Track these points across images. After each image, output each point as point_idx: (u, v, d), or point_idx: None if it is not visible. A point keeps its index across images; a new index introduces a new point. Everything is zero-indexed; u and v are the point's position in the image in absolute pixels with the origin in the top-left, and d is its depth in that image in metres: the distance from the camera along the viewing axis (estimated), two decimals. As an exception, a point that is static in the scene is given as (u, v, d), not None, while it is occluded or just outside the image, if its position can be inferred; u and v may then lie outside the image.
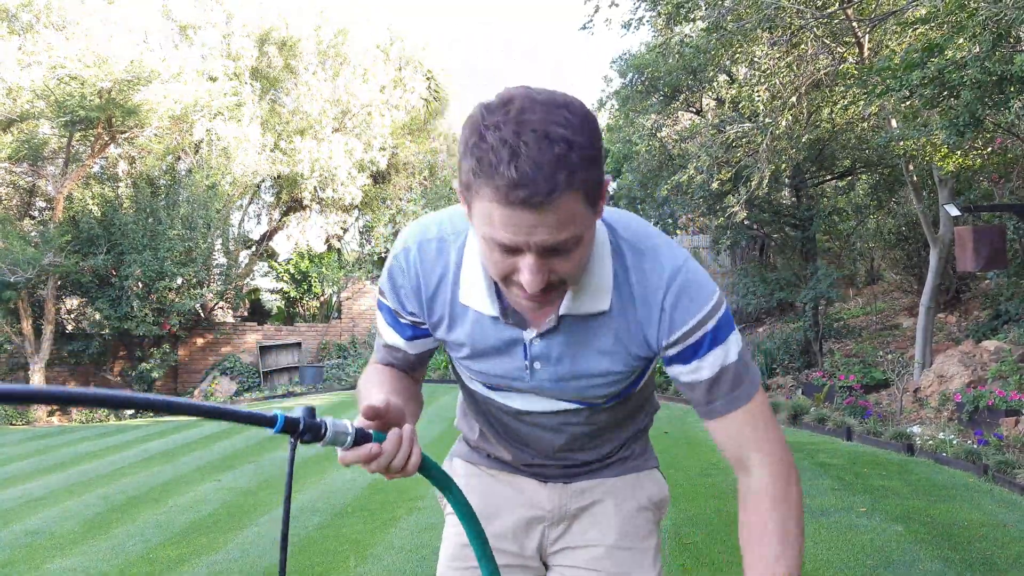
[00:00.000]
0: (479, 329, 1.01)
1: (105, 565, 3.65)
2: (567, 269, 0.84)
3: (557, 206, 0.76)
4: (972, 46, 4.52)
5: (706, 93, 9.82)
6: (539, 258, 0.81)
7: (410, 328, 1.08)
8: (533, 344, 0.99)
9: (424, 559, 3.47)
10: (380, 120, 15.47)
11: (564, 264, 0.84)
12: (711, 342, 0.95)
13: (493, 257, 0.84)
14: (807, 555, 3.28)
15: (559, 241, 0.80)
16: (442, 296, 1.02)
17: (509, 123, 0.75)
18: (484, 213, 0.79)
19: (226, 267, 13.75)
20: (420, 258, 1.02)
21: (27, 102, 11.07)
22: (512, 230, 0.78)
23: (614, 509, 1.20)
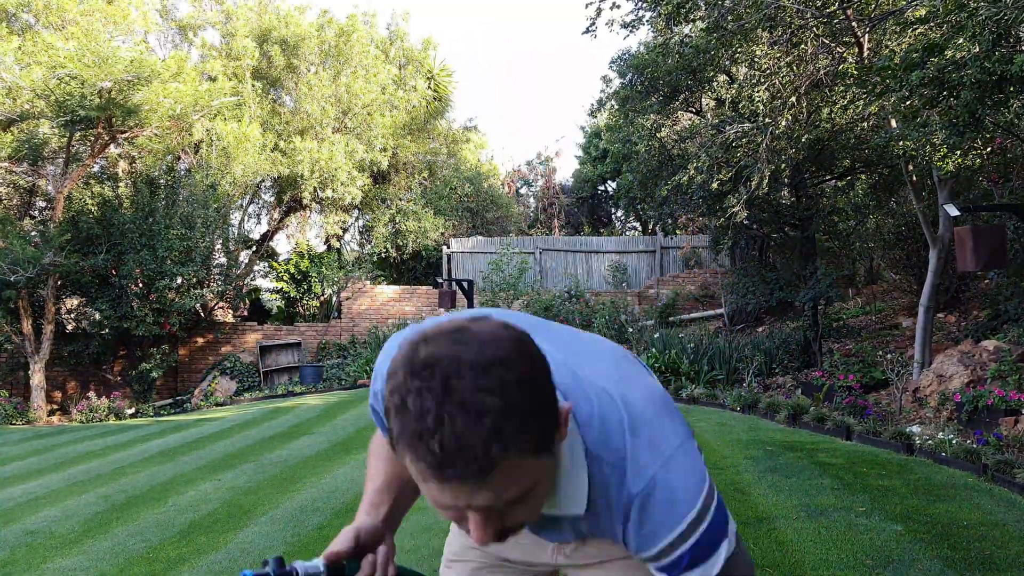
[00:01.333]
0: None
1: (105, 564, 3.66)
2: (520, 518, 0.77)
3: (496, 475, 0.69)
4: (972, 46, 4.53)
5: (706, 93, 9.82)
6: (485, 515, 0.74)
7: None
8: None
9: (424, 559, 3.47)
10: (381, 120, 15.47)
11: (516, 513, 0.76)
12: (691, 560, 0.83)
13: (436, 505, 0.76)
14: (807, 554, 3.29)
15: (507, 499, 0.72)
16: None
17: (433, 390, 0.67)
18: (418, 476, 0.72)
19: (226, 267, 13.76)
20: None
21: (27, 102, 11.07)
22: (449, 498, 0.71)
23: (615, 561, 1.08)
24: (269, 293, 17.28)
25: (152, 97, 11.51)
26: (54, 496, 5.28)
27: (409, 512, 4.35)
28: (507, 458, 0.68)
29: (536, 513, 0.78)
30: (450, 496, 0.71)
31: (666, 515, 0.82)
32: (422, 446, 0.67)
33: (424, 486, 0.72)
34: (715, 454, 5.28)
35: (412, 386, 0.68)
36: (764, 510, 3.94)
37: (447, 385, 0.67)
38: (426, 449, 0.67)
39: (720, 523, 0.84)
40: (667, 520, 0.82)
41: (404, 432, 0.69)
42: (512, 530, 0.78)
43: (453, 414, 0.66)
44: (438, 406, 0.66)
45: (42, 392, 11.73)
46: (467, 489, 0.69)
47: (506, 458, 0.68)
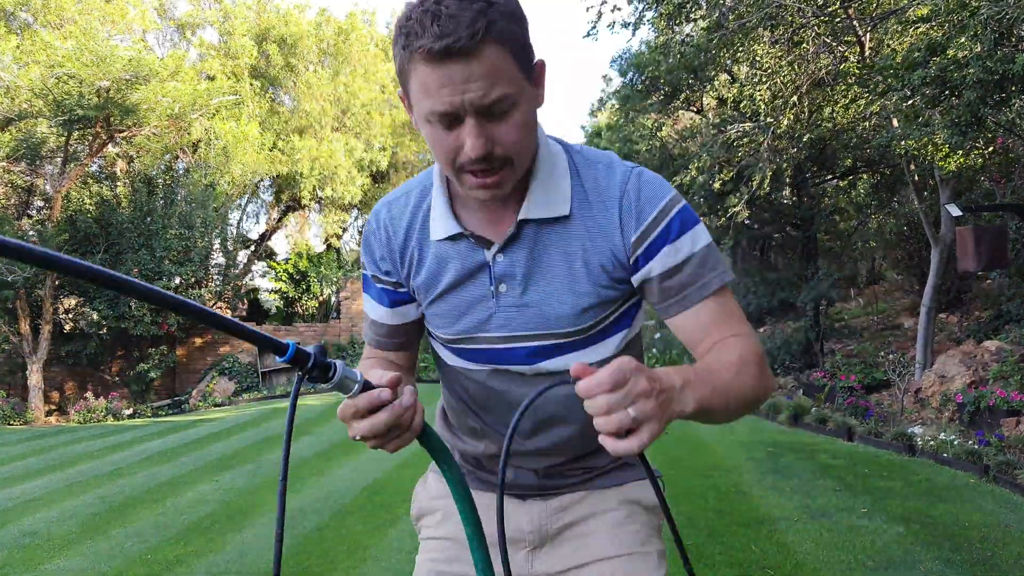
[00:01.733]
0: (446, 259, 1.02)
1: (103, 566, 3.63)
2: (509, 139, 0.86)
3: (483, 55, 0.80)
4: (973, 45, 4.51)
5: (707, 92, 9.81)
6: (478, 121, 0.83)
7: (388, 293, 1.08)
8: (496, 261, 0.99)
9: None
10: (380, 119, 15.45)
11: (506, 133, 0.85)
12: (679, 228, 0.95)
13: (437, 137, 0.86)
14: (808, 556, 3.27)
15: (493, 100, 0.82)
16: (412, 242, 1.04)
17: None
18: (420, 86, 0.83)
19: (224, 266, 13.73)
20: (389, 215, 1.05)
21: (25, 101, 11.05)
22: (447, 91, 0.81)
23: (600, 522, 1.12)
24: (268, 293, 17.25)
25: (150, 96, 11.49)
26: (52, 497, 5.25)
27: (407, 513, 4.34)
28: (491, 39, 0.80)
29: (522, 145, 0.88)
30: (447, 90, 0.81)
31: (655, 186, 0.97)
32: (423, 34, 0.79)
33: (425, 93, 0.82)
34: (716, 455, 5.26)
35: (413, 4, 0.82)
36: (765, 511, 3.92)
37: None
38: (425, 34, 0.79)
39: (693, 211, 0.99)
40: (657, 189, 0.97)
41: (408, 36, 0.81)
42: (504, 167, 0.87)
43: (449, 5, 0.79)
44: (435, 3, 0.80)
45: (40, 392, 11.70)
46: (459, 71, 0.80)
47: (490, 38, 0.80)
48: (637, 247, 0.96)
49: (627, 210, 0.96)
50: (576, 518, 1.13)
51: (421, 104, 0.84)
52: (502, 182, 0.89)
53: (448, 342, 1.07)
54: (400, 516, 4.18)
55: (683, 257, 0.95)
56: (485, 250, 0.99)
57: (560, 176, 0.97)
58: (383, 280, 1.07)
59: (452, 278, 1.02)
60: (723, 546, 3.39)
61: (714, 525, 3.70)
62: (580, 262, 0.97)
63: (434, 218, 1.01)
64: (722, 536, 3.51)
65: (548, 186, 0.97)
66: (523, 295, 0.99)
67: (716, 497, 4.22)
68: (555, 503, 1.13)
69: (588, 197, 0.98)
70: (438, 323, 1.06)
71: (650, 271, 0.97)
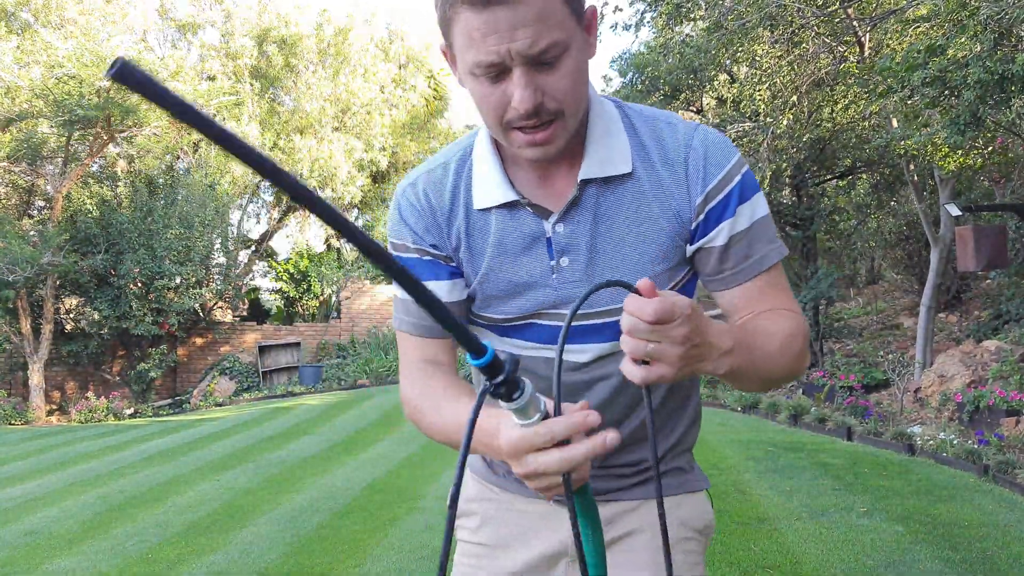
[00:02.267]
0: (496, 233, 0.92)
1: (104, 565, 3.64)
2: (560, 89, 0.79)
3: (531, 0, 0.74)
4: (973, 45, 4.52)
5: (707, 92, 9.81)
6: (526, 71, 0.77)
7: (442, 267, 0.95)
8: (557, 233, 0.90)
9: (424, 559, 3.46)
10: (380, 119, 15.46)
11: (556, 82, 0.79)
12: (740, 196, 0.89)
13: (483, 92, 0.80)
14: (808, 555, 3.28)
15: (543, 47, 0.76)
16: (457, 212, 0.94)
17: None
18: (464, 36, 0.77)
19: (225, 266, 13.74)
20: (429, 183, 0.96)
21: (25, 101, 11.06)
22: (494, 39, 0.75)
23: (648, 542, 1.02)
24: (268, 293, 17.26)
25: (151, 96, 11.47)
26: (53, 496, 5.26)
27: (409, 512, 4.32)
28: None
29: (573, 95, 0.81)
30: (493, 38, 0.75)
31: (721, 145, 0.90)
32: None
33: (470, 44, 0.77)
34: (716, 454, 5.26)
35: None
36: (765, 511, 3.93)
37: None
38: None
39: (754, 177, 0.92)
40: (724, 149, 0.90)
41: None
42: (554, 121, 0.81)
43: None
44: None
45: (41, 392, 11.71)
46: (506, 17, 0.74)
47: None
48: (700, 212, 0.89)
49: (694, 169, 0.89)
50: (624, 532, 1.03)
51: (465, 56, 0.78)
52: (554, 137, 0.82)
53: (497, 322, 0.97)
54: (400, 516, 4.18)
55: (743, 227, 0.89)
56: (544, 220, 0.90)
57: (616, 132, 0.90)
58: (432, 253, 0.95)
59: (504, 252, 0.92)
60: (723, 545, 3.39)
61: (715, 525, 3.70)
62: (648, 224, 0.89)
63: (480, 184, 0.92)
64: (722, 535, 3.52)
65: (606, 143, 0.89)
66: (588, 268, 0.90)
67: (716, 496, 4.21)
68: (601, 513, 1.02)
69: (650, 155, 0.90)
70: (488, 304, 0.96)
71: (710, 240, 0.90)
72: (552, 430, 0.64)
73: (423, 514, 4.17)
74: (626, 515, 1.03)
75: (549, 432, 0.64)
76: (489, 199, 0.91)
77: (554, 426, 0.65)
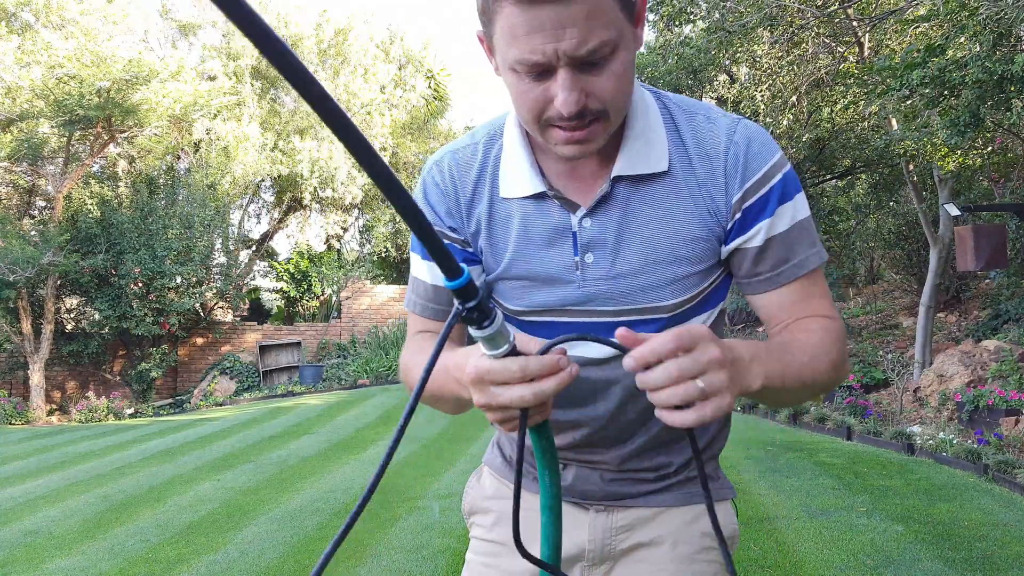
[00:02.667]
0: (521, 222, 0.89)
1: (105, 565, 3.65)
2: (606, 90, 0.74)
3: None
4: (973, 45, 4.52)
5: (707, 93, 9.82)
6: (571, 72, 0.72)
7: (458, 252, 0.92)
8: (583, 227, 0.86)
9: (425, 559, 3.46)
10: (380, 120, 15.46)
11: (602, 83, 0.74)
12: (781, 196, 0.84)
13: (523, 89, 0.75)
14: (808, 554, 3.28)
15: (591, 48, 0.71)
16: (481, 197, 0.91)
17: None
18: (506, 32, 0.72)
19: (226, 266, 13.75)
20: (455, 164, 0.92)
21: (26, 101, 11.06)
22: (539, 37, 0.70)
23: (670, 553, 0.98)
24: (269, 293, 17.27)
25: (151, 97, 11.51)
26: (53, 496, 5.27)
27: (409, 512, 4.32)
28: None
29: (619, 95, 0.77)
30: (539, 37, 0.70)
31: (763, 141, 0.86)
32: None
33: (513, 40, 0.72)
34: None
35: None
36: (765, 510, 3.94)
37: None
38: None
39: (796, 175, 0.88)
40: (765, 145, 0.85)
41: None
42: (596, 121, 0.77)
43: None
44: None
45: (41, 392, 11.72)
46: (555, 15, 0.69)
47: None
48: (736, 210, 0.85)
49: (732, 165, 0.84)
50: (644, 540, 0.99)
51: (507, 52, 0.73)
52: (594, 136, 0.78)
53: (516, 314, 0.93)
54: (400, 515, 4.19)
55: (783, 228, 0.85)
56: (571, 213, 0.87)
57: (656, 127, 0.86)
58: (450, 236, 0.93)
59: (528, 244, 0.89)
60: (722, 545, 3.40)
61: (713, 524, 3.71)
62: (680, 224, 0.85)
63: (508, 172, 0.89)
64: (721, 535, 3.53)
65: (645, 139, 0.85)
66: (613, 265, 0.86)
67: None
68: (621, 519, 1.00)
69: (688, 151, 0.86)
70: (506, 294, 0.93)
71: (747, 240, 0.86)
72: (525, 366, 0.63)
73: (423, 514, 4.18)
74: (647, 523, 1.00)
75: (521, 368, 0.63)
76: (517, 189, 0.88)
77: (529, 363, 0.63)
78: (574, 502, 1.01)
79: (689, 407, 0.63)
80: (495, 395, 0.65)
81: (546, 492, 0.72)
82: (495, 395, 0.65)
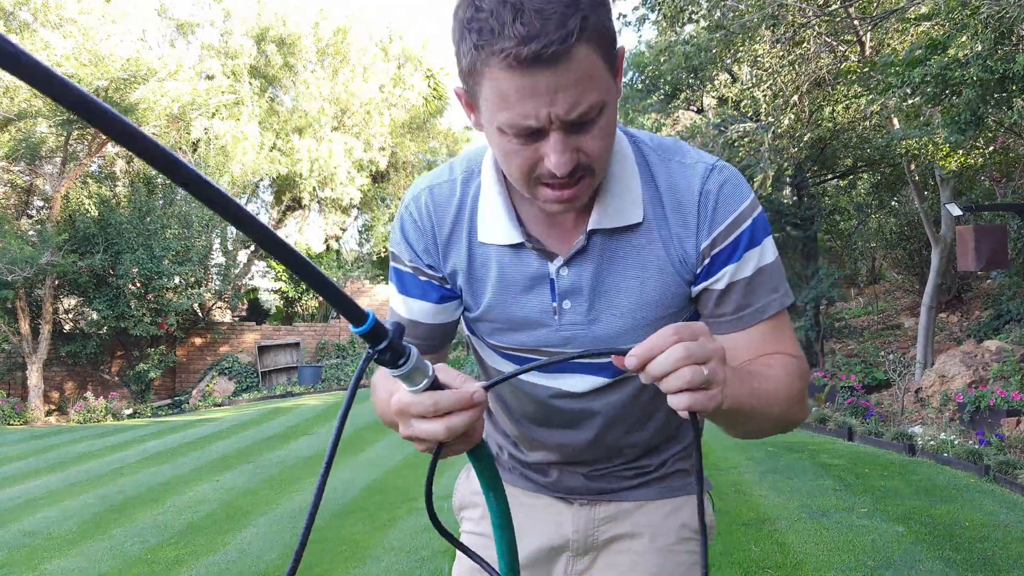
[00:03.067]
0: (499, 268, 0.91)
1: (103, 565, 3.63)
2: (595, 148, 0.76)
3: (575, 60, 0.68)
4: (974, 44, 4.51)
5: (707, 92, 9.81)
6: (564, 134, 0.73)
7: (436, 288, 0.95)
8: (561, 276, 0.88)
9: (423, 560, 3.45)
10: (379, 119, 15.45)
11: (591, 142, 0.75)
12: (750, 240, 0.86)
13: (512, 149, 0.75)
14: (808, 555, 3.26)
15: (583, 109, 0.71)
16: (459, 239, 0.92)
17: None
18: (495, 94, 0.71)
19: (224, 266, 13.74)
20: (434, 202, 0.93)
21: (24, 100, 11.04)
22: (532, 103, 0.70)
23: (649, 544, 1.04)
24: (267, 293, 17.25)
25: (149, 96, 11.49)
26: (52, 497, 5.25)
27: (408, 513, 4.30)
28: (584, 38, 0.68)
29: (606, 152, 0.78)
30: (531, 102, 0.70)
31: (734, 186, 0.87)
32: (503, 33, 0.68)
33: (503, 104, 0.72)
34: (716, 455, 5.26)
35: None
36: (765, 511, 3.92)
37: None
38: (507, 34, 0.67)
39: (767, 219, 0.90)
40: (736, 190, 0.87)
41: (482, 32, 0.69)
42: (584, 178, 0.78)
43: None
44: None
45: (40, 392, 11.69)
46: (547, 81, 0.69)
47: (584, 38, 0.68)
48: (705, 256, 0.87)
49: (703, 213, 0.87)
50: (625, 532, 1.06)
51: (495, 114, 0.73)
52: (581, 193, 0.79)
53: (496, 348, 0.98)
54: (399, 517, 4.17)
55: (747, 274, 0.87)
56: (548, 262, 0.89)
57: (631, 176, 0.87)
58: (428, 274, 0.94)
59: (506, 290, 0.91)
60: (723, 546, 3.38)
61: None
62: (653, 272, 0.88)
63: (486, 216, 0.90)
64: (722, 536, 3.51)
65: (620, 190, 0.86)
66: (589, 312, 0.90)
67: (716, 497, 4.22)
68: (603, 512, 1.07)
69: (663, 199, 0.88)
70: (487, 332, 0.97)
71: (712, 284, 0.88)
72: (437, 402, 0.64)
73: (422, 515, 4.16)
74: (628, 515, 1.06)
75: (433, 404, 0.64)
76: (495, 236, 0.89)
77: (440, 398, 0.64)
78: (559, 496, 1.08)
79: (696, 391, 0.65)
80: (413, 428, 0.67)
81: (494, 511, 0.75)
82: (413, 428, 0.67)
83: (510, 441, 1.11)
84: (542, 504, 1.09)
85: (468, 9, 0.70)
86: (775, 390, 0.81)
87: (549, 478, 1.08)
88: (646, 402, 1.00)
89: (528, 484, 1.10)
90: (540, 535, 1.07)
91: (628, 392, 0.97)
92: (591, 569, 1.07)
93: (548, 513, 1.08)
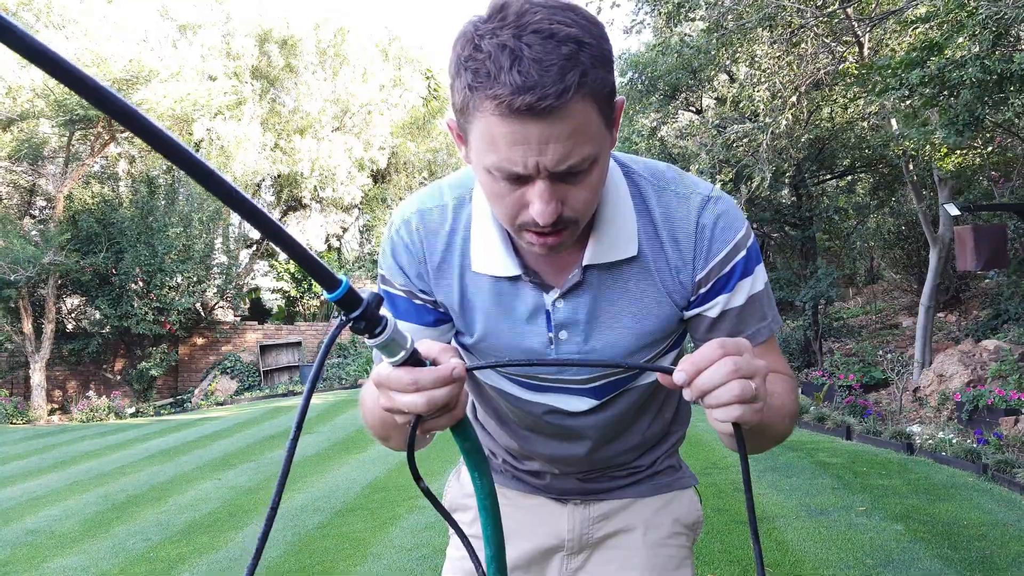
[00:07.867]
0: (494, 297, 0.90)
1: (106, 564, 3.66)
2: (580, 200, 0.75)
3: (569, 114, 0.67)
4: (972, 45, 4.53)
5: (706, 92, 9.82)
6: (550, 183, 0.71)
7: (430, 311, 0.93)
8: (556, 308, 0.88)
9: (424, 558, 3.47)
10: (380, 119, 15.47)
11: (577, 194, 0.74)
12: (743, 270, 0.88)
13: (498, 191, 0.74)
14: (807, 554, 3.29)
15: (573, 162, 0.70)
16: (450, 266, 0.91)
17: (507, 27, 0.66)
18: (485, 136, 0.70)
19: (226, 266, 13.77)
20: (424, 227, 0.91)
21: (27, 101, 11.08)
22: (520, 150, 0.69)
23: (641, 539, 1.07)
24: (269, 292, 17.28)
25: (151, 96, 11.52)
26: (54, 495, 5.28)
27: (410, 511, 4.33)
28: (581, 94, 0.67)
29: (591, 205, 0.77)
30: (521, 149, 0.69)
31: (730, 218, 0.88)
32: (499, 79, 0.66)
33: (491, 147, 0.70)
34: (715, 453, 5.28)
35: (485, 29, 0.68)
36: (764, 509, 3.94)
37: (521, 22, 0.67)
38: (504, 80, 0.66)
39: (759, 248, 0.91)
40: (732, 222, 0.88)
41: (479, 74, 0.67)
42: (566, 227, 0.76)
43: (531, 42, 0.65)
44: (515, 39, 0.66)
45: (42, 391, 11.73)
46: (539, 131, 0.67)
47: (581, 94, 0.67)
48: (700, 287, 0.88)
49: (699, 246, 0.87)
50: (618, 528, 1.09)
51: (484, 155, 0.72)
52: (564, 241, 0.78)
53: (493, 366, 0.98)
54: (400, 515, 4.20)
55: (739, 303, 0.89)
56: (544, 293, 0.88)
57: (625, 209, 0.86)
58: (422, 298, 0.93)
59: (501, 320, 0.91)
60: (722, 544, 3.41)
61: (713, 523, 3.72)
62: (649, 302, 0.89)
63: (480, 246, 0.88)
64: (721, 534, 3.53)
65: (614, 226, 0.85)
66: (586, 342, 0.90)
67: (715, 495, 4.24)
68: (597, 510, 1.09)
69: (658, 231, 0.88)
70: (483, 354, 0.96)
71: (705, 311, 0.90)
72: (416, 380, 0.64)
73: (423, 513, 4.18)
74: (621, 511, 1.09)
75: (413, 381, 0.64)
76: (491, 267, 0.88)
77: (420, 376, 0.64)
78: (553, 497, 1.10)
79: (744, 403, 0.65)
80: (393, 399, 0.66)
81: (479, 492, 0.74)
82: (393, 399, 0.66)
83: (506, 451, 1.13)
84: (537, 505, 1.10)
85: (467, 47, 0.69)
86: (782, 405, 0.84)
87: (543, 481, 1.09)
88: (638, 416, 1.03)
89: (523, 486, 1.12)
90: (535, 536, 1.09)
91: (620, 409, 1.00)
92: (586, 566, 1.09)
93: (543, 513, 1.10)
